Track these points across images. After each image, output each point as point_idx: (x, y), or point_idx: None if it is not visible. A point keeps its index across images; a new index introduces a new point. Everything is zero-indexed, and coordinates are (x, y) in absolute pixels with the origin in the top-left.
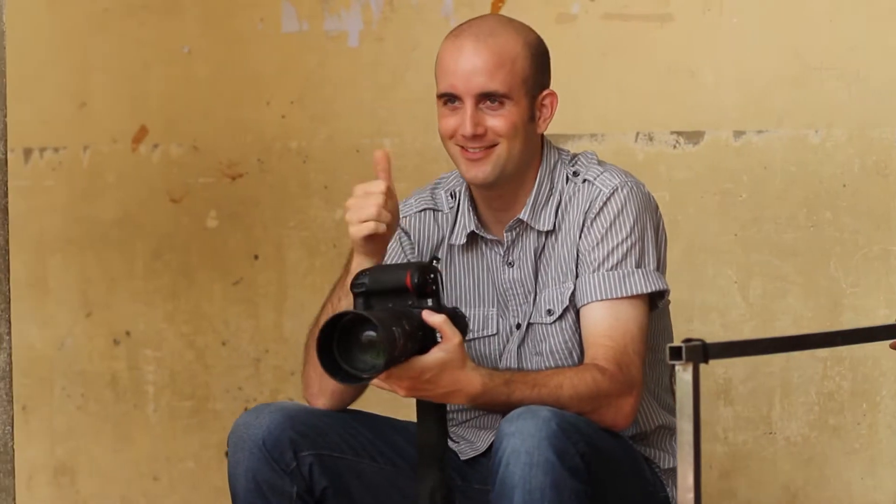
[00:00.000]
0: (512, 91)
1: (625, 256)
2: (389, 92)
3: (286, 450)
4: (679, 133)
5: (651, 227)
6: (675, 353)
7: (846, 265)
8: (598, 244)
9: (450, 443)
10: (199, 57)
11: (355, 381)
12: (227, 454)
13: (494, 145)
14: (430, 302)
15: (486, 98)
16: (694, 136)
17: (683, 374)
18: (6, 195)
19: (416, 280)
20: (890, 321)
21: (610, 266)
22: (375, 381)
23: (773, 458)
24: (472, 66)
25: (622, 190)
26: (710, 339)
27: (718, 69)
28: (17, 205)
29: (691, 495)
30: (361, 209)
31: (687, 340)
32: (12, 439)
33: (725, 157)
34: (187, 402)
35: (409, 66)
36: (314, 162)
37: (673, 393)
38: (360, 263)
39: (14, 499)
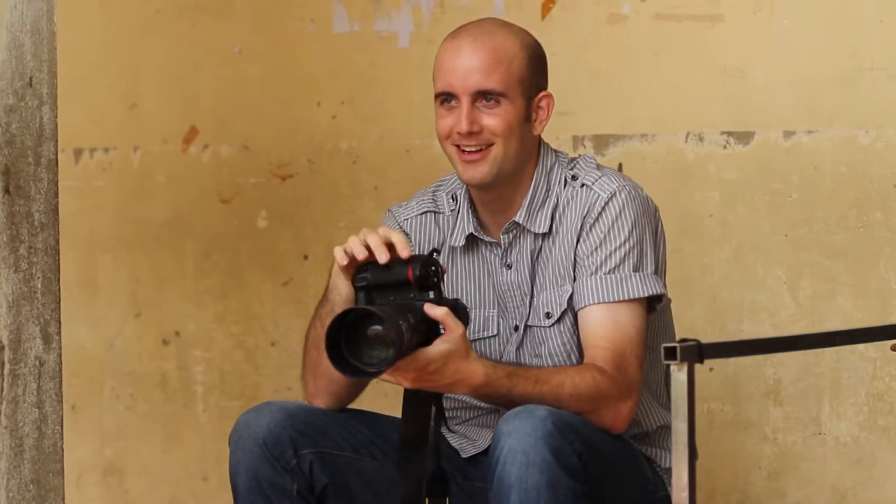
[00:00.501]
0: (508, 90)
1: (623, 260)
2: None
3: (286, 448)
4: (729, 133)
5: (649, 231)
6: (671, 353)
7: None
8: (596, 248)
9: (451, 440)
10: (250, 57)
11: (365, 375)
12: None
13: (490, 145)
14: (431, 294)
15: (482, 96)
16: (744, 137)
17: (679, 374)
18: (56, 195)
19: (417, 273)
20: None
21: (608, 270)
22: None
23: (823, 458)
24: (469, 64)
25: (620, 194)
26: None
27: (769, 69)
28: (68, 205)
29: (685, 494)
30: (355, 241)
31: (682, 340)
32: (62, 439)
33: (775, 158)
34: (236, 403)
35: None
36: (364, 162)
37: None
38: (337, 284)
39: (63, 499)
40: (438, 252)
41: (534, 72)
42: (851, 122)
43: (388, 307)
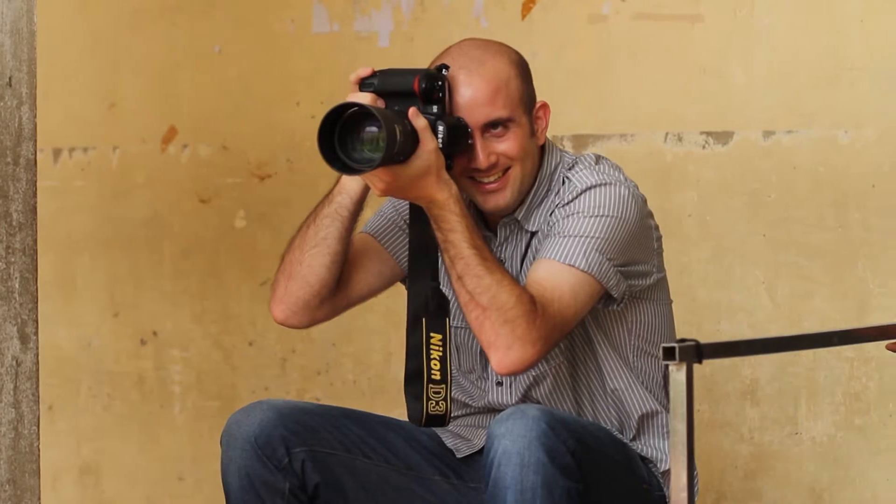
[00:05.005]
0: (514, 113)
1: (584, 237)
2: None
3: (278, 446)
4: (708, 133)
5: (623, 230)
6: (669, 353)
7: (874, 266)
8: (563, 220)
9: (446, 440)
10: (230, 57)
11: (347, 171)
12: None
13: (507, 169)
14: (435, 108)
15: (491, 126)
16: (723, 137)
17: (677, 375)
18: (35, 195)
19: (423, 85)
20: None
21: (564, 235)
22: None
23: (799, 458)
24: (471, 98)
25: (598, 187)
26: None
27: (748, 69)
28: (46, 205)
29: (685, 494)
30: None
31: (681, 341)
32: (38, 439)
33: (754, 158)
34: (214, 403)
35: None
36: None
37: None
38: (346, 185)
39: (39, 499)
40: (447, 68)
41: (527, 86)
42: (830, 123)
43: (388, 111)
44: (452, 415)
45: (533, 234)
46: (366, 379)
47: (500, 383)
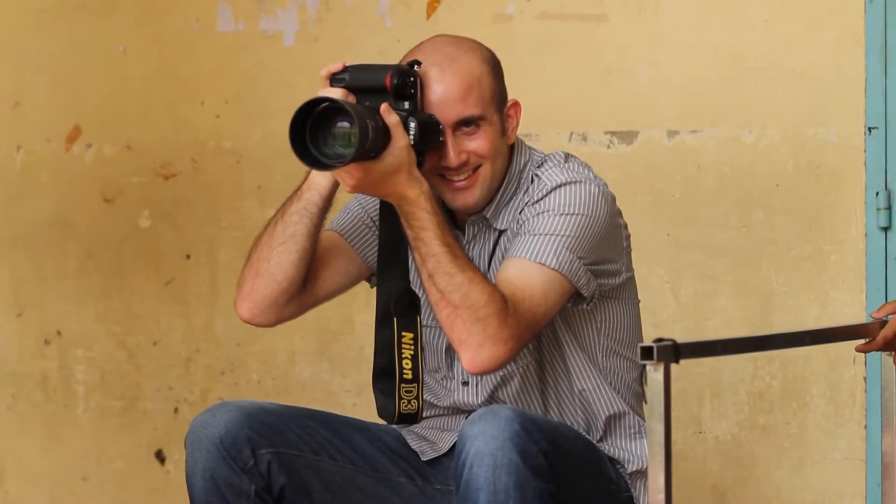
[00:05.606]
0: (485, 111)
1: (554, 235)
2: None
3: (244, 448)
4: (613, 133)
5: (594, 225)
6: (647, 352)
7: (778, 265)
8: (533, 218)
9: (411, 442)
10: (135, 57)
11: (319, 166)
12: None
13: (478, 167)
14: (407, 105)
15: (462, 124)
16: (628, 136)
17: (654, 374)
18: None
19: (395, 81)
20: (821, 321)
21: (534, 234)
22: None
23: (703, 457)
24: (443, 96)
25: (569, 184)
26: None
27: (653, 69)
28: None
29: (662, 496)
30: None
31: (658, 340)
32: None
33: (659, 157)
34: (118, 402)
35: None
36: (248, 162)
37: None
38: (316, 181)
39: None
40: (419, 64)
41: (499, 84)
42: (734, 122)
43: (360, 106)
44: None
45: (501, 232)
46: (270, 379)
47: (465, 383)
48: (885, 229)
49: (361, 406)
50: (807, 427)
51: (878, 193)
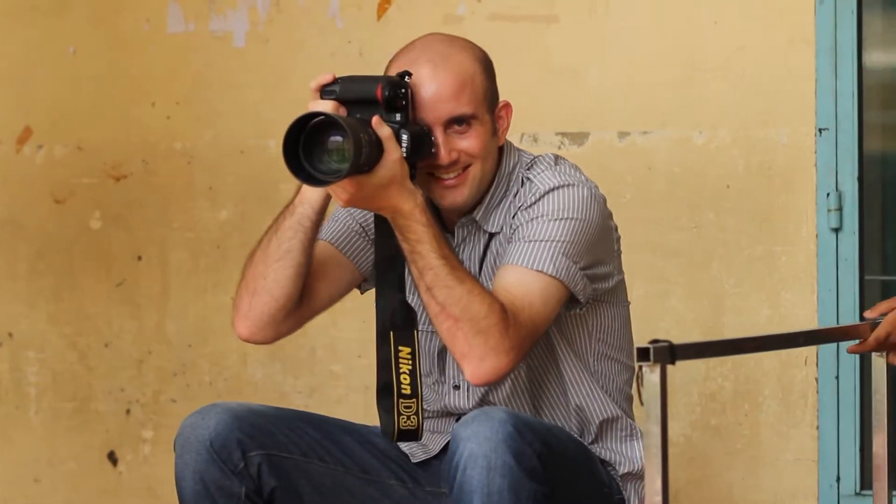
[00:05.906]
0: (477, 110)
1: (550, 241)
2: (275, 93)
3: (234, 450)
4: (564, 134)
5: (588, 229)
6: (643, 353)
7: (729, 266)
8: (527, 224)
9: (401, 445)
10: (85, 58)
11: (313, 182)
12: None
13: (468, 166)
14: (398, 116)
15: (454, 122)
16: (578, 137)
17: (651, 376)
18: None
19: (386, 93)
20: (772, 322)
21: (530, 240)
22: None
23: None
24: (435, 93)
25: (562, 188)
26: None
27: (603, 70)
28: None
29: (659, 498)
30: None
31: (654, 341)
32: None
33: (610, 158)
34: (69, 404)
35: (294, 67)
36: (199, 163)
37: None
38: (308, 196)
39: None
40: (410, 75)
41: (491, 84)
42: (685, 124)
43: (352, 120)
44: None
45: (492, 235)
46: (222, 380)
47: (457, 387)
48: (836, 230)
49: (313, 408)
50: (759, 428)
51: (828, 195)
